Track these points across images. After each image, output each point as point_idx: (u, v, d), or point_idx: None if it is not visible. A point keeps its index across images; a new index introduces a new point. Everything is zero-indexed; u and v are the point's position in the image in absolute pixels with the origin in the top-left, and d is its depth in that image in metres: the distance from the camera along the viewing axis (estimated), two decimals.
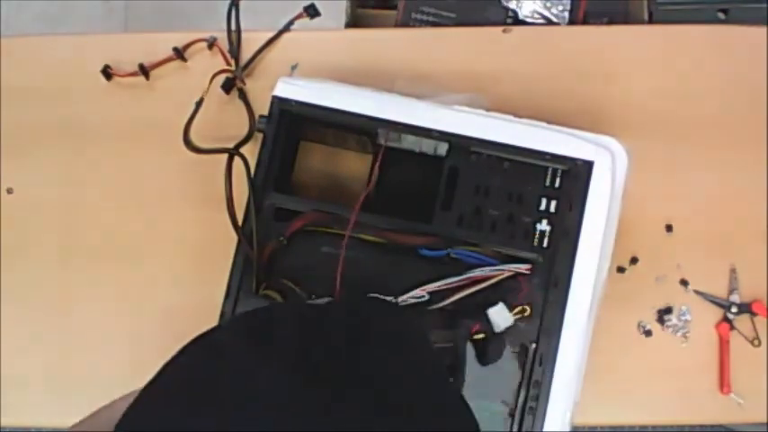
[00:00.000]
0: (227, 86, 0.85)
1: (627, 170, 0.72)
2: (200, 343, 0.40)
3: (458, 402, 0.43)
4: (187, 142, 0.75)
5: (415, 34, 0.94)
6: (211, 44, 0.87)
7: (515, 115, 0.72)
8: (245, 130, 0.81)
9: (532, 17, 0.95)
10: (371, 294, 0.68)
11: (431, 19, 0.97)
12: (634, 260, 0.82)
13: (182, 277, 0.84)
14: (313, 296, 0.71)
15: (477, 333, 0.68)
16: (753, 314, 0.80)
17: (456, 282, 0.69)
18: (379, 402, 0.36)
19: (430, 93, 0.79)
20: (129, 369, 0.74)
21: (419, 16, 0.98)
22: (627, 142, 0.72)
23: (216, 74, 0.82)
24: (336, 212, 0.70)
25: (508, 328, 0.69)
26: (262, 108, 0.78)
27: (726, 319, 0.81)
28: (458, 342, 0.68)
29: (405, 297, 0.69)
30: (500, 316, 0.69)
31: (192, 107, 0.78)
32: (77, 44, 0.92)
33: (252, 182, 0.72)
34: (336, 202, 0.72)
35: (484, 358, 0.68)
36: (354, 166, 0.84)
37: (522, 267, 0.70)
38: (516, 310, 0.69)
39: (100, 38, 0.95)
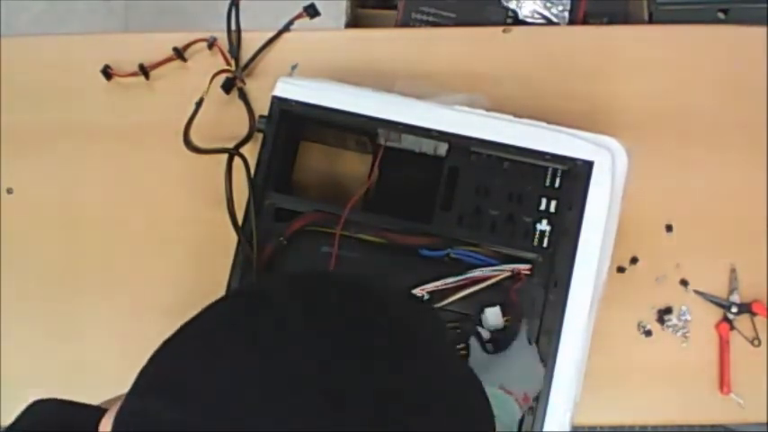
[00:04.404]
0: (227, 86, 0.85)
1: (627, 170, 0.72)
2: (246, 293, 0.38)
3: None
4: (187, 142, 0.75)
5: (415, 34, 0.94)
6: (211, 44, 0.87)
7: (515, 115, 0.72)
8: (245, 130, 0.81)
9: (532, 17, 0.95)
10: None
11: (431, 19, 0.97)
12: (634, 260, 0.82)
13: (182, 277, 0.84)
14: None
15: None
16: (753, 314, 0.80)
17: (456, 282, 0.69)
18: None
19: (430, 93, 0.79)
20: (130, 369, 0.74)
21: (419, 16, 0.97)
22: (627, 142, 0.72)
23: (216, 74, 0.82)
24: (336, 212, 0.70)
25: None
26: (262, 108, 0.78)
27: (726, 319, 0.81)
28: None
29: None
30: (493, 318, 0.69)
31: (192, 107, 0.78)
32: (77, 44, 0.92)
33: (252, 182, 0.72)
34: (336, 203, 0.71)
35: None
36: (354, 166, 0.84)
37: (522, 267, 0.70)
38: (508, 317, 0.70)
39: (100, 38, 0.95)
